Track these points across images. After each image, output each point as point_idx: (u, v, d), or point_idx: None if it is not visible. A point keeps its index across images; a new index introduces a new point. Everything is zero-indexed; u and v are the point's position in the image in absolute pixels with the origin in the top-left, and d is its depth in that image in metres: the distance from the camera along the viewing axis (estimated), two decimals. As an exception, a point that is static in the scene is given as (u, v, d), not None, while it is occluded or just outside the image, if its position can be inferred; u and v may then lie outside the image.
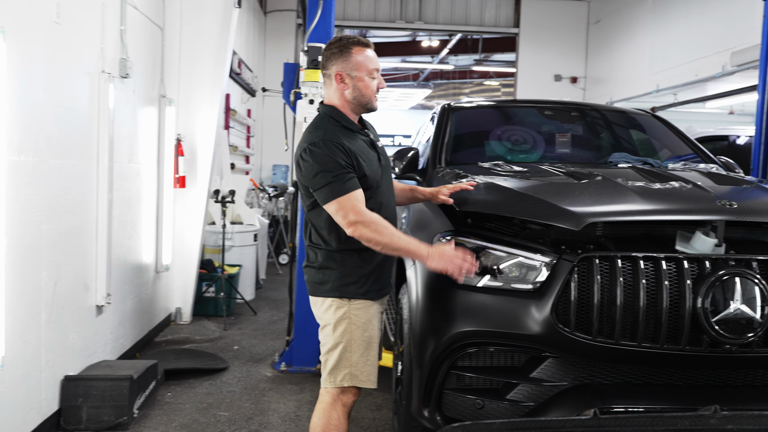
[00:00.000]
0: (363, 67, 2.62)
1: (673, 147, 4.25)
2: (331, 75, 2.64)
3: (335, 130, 2.58)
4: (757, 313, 2.35)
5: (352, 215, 2.44)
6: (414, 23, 12.65)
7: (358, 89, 2.63)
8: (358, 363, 2.65)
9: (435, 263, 2.45)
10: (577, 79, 12.55)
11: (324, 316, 2.71)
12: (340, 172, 2.46)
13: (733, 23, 7.97)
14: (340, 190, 2.45)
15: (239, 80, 9.07)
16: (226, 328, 5.87)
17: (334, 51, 2.63)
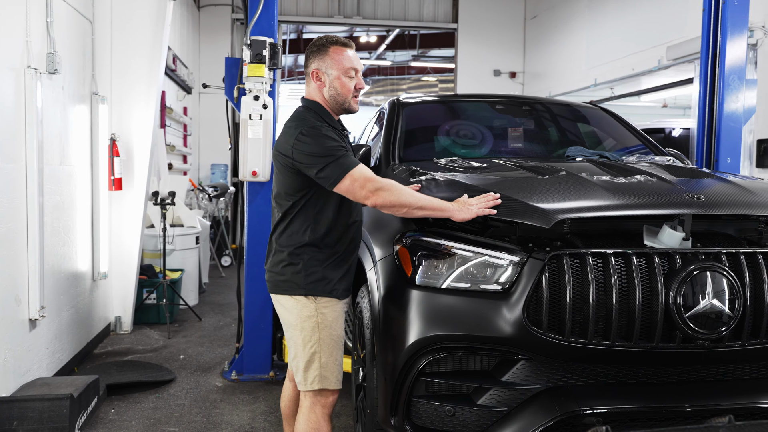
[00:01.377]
0: (339, 65, 2.63)
1: (624, 140, 4.25)
2: (309, 72, 2.67)
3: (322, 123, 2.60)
4: (729, 307, 2.32)
5: (370, 184, 2.45)
6: (352, 18, 12.50)
7: (334, 88, 2.64)
8: (327, 363, 2.64)
9: (463, 214, 2.47)
10: (516, 74, 12.66)
11: (290, 315, 2.66)
12: (342, 150, 2.49)
13: (667, 18, 8.15)
14: (349, 165, 2.46)
15: (174, 77, 8.75)
16: (170, 336, 5.61)
17: (313, 49, 2.67)
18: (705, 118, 5.06)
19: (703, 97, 5.10)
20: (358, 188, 2.46)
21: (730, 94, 4.91)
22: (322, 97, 2.67)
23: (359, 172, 2.47)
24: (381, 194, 2.45)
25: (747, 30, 4.92)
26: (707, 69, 5.06)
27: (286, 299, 2.66)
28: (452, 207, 2.48)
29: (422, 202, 2.48)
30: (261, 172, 4.27)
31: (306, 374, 2.64)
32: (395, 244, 2.71)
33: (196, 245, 7.03)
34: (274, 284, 2.69)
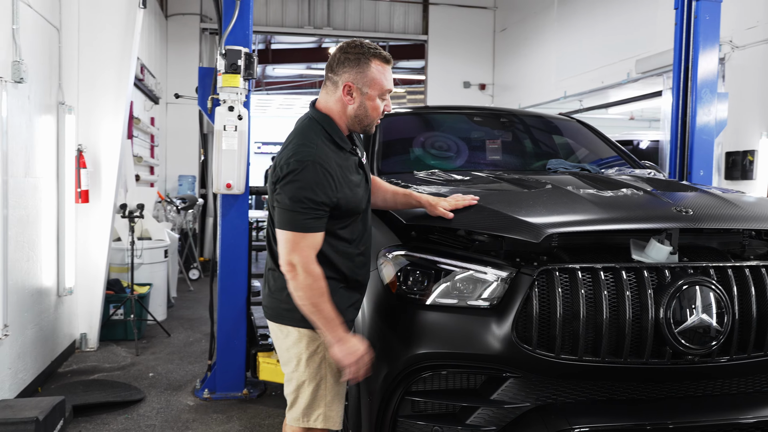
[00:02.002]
0: (378, 85, 2.31)
1: (601, 152, 4.26)
2: (339, 83, 2.31)
3: (326, 148, 2.27)
4: (718, 321, 2.30)
5: (298, 257, 2.18)
6: (322, 29, 12.44)
7: (364, 108, 2.33)
8: (332, 403, 2.39)
9: (339, 353, 2.23)
10: (486, 86, 12.72)
11: (291, 348, 2.38)
12: (314, 207, 2.18)
13: (636, 31, 8.26)
14: (302, 226, 2.18)
15: (142, 87, 8.58)
16: (138, 353, 5.44)
17: (350, 57, 2.29)
18: (678, 131, 5.12)
19: (675, 110, 5.15)
20: (287, 250, 2.19)
21: (703, 107, 4.97)
22: (341, 112, 2.34)
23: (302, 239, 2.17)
24: (297, 273, 2.18)
25: (718, 44, 4.99)
26: (680, 82, 5.12)
27: (291, 331, 2.37)
28: (338, 339, 2.22)
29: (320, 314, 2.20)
30: (235, 184, 4.17)
31: (309, 412, 2.38)
32: (379, 259, 2.65)
33: (165, 259, 6.87)
34: (277, 312, 2.40)
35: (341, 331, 2.24)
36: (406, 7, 12.74)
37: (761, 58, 6.20)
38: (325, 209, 2.21)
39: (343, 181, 2.26)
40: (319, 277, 2.21)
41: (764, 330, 2.41)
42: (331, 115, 2.35)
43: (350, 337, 2.27)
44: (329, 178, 2.20)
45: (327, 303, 2.21)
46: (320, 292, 2.20)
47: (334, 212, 2.26)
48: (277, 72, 17.85)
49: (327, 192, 2.19)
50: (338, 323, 2.23)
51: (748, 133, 6.23)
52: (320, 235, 2.23)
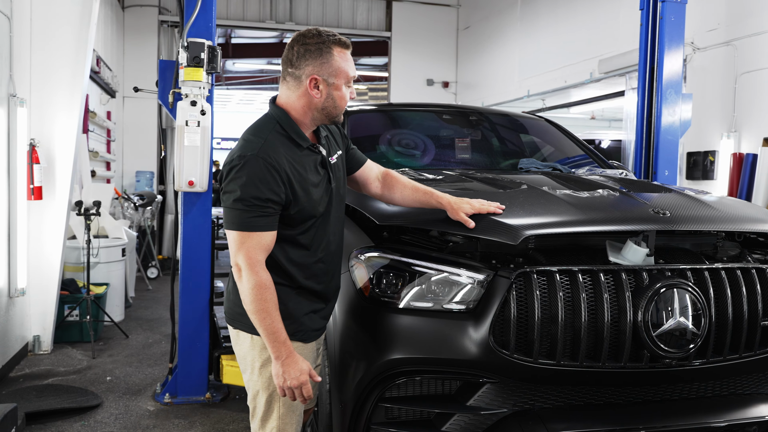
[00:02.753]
0: (343, 73, 2.18)
1: (570, 151, 4.25)
2: (302, 78, 2.16)
3: (277, 143, 2.14)
4: (696, 324, 2.28)
5: (243, 258, 2.06)
6: (285, 24, 12.26)
7: (332, 99, 2.19)
8: (286, 416, 2.28)
9: (275, 370, 2.09)
10: (449, 84, 12.72)
11: (246, 355, 2.28)
12: (258, 204, 2.05)
13: (599, 32, 8.33)
14: (249, 224, 2.06)
15: (98, 79, 8.32)
16: (94, 356, 5.24)
17: (311, 48, 2.15)
18: (643, 131, 5.15)
19: (641, 111, 5.19)
20: (235, 249, 2.08)
21: (668, 107, 5.01)
22: (306, 107, 2.19)
23: (249, 238, 2.06)
24: (244, 276, 2.07)
25: (683, 45, 5.04)
26: (645, 83, 5.15)
27: (244, 337, 2.26)
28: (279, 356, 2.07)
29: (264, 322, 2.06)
30: (198, 182, 4.03)
31: (264, 424, 2.28)
32: (351, 261, 2.56)
33: (123, 257, 6.65)
34: (232, 316, 2.30)
35: (284, 349, 2.08)
36: (369, 3, 12.65)
37: (722, 59, 6.29)
38: (272, 207, 2.08)
39: (294, 178, 2.12)
40: (266, 284, 2.07)
41: (739, 332, 2.40)
42: (293, 111, 2.21)
43: (293, 358, 2.09)
44: (274, 174, 2.06)
45: (272, 314, 2.07)
46: (264, 300, 2.06)
47: (286, 214, 2.13)
48: (238, 67, 17.58)
49: (272, 188, 2.06)
50: (282, 339, 2.08)
51: (709, 133, 6.33)
52: (269, 235, 2.10)
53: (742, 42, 6.07)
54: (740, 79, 6.08)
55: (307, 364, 2.12)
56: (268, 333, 2.07)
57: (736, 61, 6.12)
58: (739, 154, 5.93)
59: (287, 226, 2.16)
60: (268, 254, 2.11)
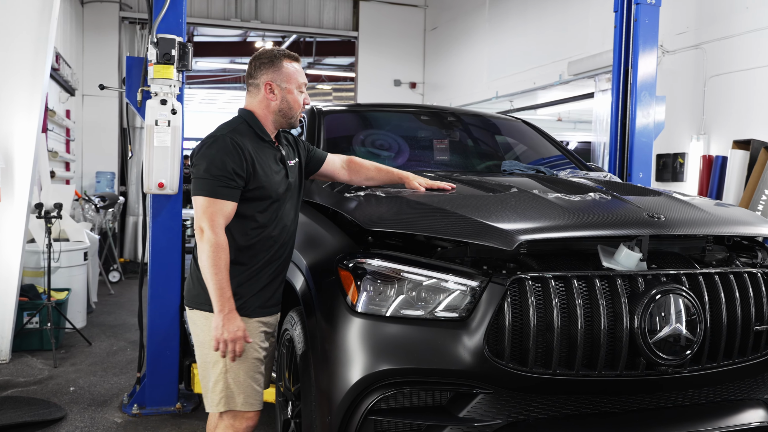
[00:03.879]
0: (293, 79, 2.60)
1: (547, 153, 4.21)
2: (260, 84, 2.59)
3: (244, 132, 2.54)
4: (692, 330, 2.24)
5: (206, 222, 2.38)
6: (250, 22, 12.06)
7: (286, 101, 2.59)
8: (234, 384, 2.51)
9: (216, 322, 2.37)
10: (416, 85, 12.67)
11: (197, 331, 2.58)
12: (227, 175, 2.40)
13: (568, 34, 8.36)
14: (215, 192, 2.40)
15: (57, 77, 8.03)
16: (56, 365, 5.02)
17: (264, 61, 2.59)
18: (617, 133, 5.15)
19: (615, 113, 5.19)
20: (199, 214, 2.40)
21: (642, 109, 5.02)
22: (266, 110, 2.60)
23: (214, 204, 2.38)
24: (203, 237, 2.38)
25: (657, 47, 5.06)
26: (619, 85, 5.15)
27: (197, 314, 2.57)
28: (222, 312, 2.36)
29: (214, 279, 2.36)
30: (168, 184, 3.87)
31: (212, 395, 2.53)
32: (336, 266, 2.46)
33: (84, 261, 6.42)
34: (187, 297, 2.62)
35: (227, 304, 2.37)
36: (336, 3, 12.52)
37: (691, 62, 6.35)
38: (235, 180, 2.40)
39: (256, 160, 2.48)
40: (222, 245, 2.37)
41: (733, 338, 2.37)
42: (256, 113, 2.60)
43: (234, 315, 2.38)
44: (239, 151, 2.43)
45: (222, 271, 2.36)
46: (218, 258, 2.35)
47: (248, 190, 2.45)
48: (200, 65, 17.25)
49: (237, 162, 2.41)
50: (227, 295, 2.37)
51: (678, 136, 6.38)
52: (230, 205, 2.42)
53: (712, 45, 6.14)
54: (709, 82, 6.14)
55: (243, 325, 2.41)
56: (217, 287, 2.36)
57: (705, 64, 6.18)
58: (709, 157, 5.99)
59: (248, 204, 2.48)
60: (227, 222, 2.42)
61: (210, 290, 2.38)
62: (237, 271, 2.48)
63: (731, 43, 5.93)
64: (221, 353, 2.40)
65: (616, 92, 5.18)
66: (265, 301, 2.58)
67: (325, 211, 3.02)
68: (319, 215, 2.97)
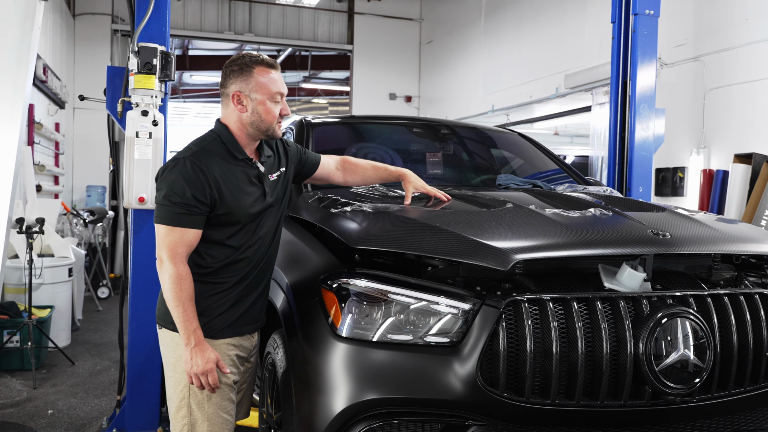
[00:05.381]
0: (265, 89, 2.36)
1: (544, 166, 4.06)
2: (229, 95, 2.38)
3: (212, 152, 2.34)
4: (700, 357, 2.08)
5: (165, 252, 2.24)
6: (244, 35, 11.99)
7: (257, 113, 2.36)
8: (198, 412, 2.36)
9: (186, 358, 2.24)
10: (412, 98, 12.58)
11: (164, 350, 2.47)
12: (183, 202, 2.24)
13: (565, 47, 8.26)
14: (175, 220, 2.24)
15: (45, 89, 7.90)
16: (36, 386, 4.84)
17: (234, 68, 2.37)
18: (616, 147, 5.01)
19: (614, 126, 5.06)
20: (159, 242, 2.26)
21: (641, 122, 4.89)
22: (238, 123, 2.38)
23: (173, 233, 2.23)
24: (164, 268, 2.24)
25: (656, 58, 4.93)
26: (617, 97, 5.02)
27: (163, 333, 2.45)
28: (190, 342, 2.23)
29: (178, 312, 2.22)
30: (149, 198, 3.71)
31: (174, 422, 2.40)
32: (319, 287, 2.30)
33: (69, 278, 6.23)
34: (159, 315, 2.49)
35: (194, 337, 2.23)
36: (330, 16, 12.46)
37: (690, 75, 6.24)
38: (198, 207, 2.25)
39: (223, 183, 2.30)
40: (183, 276, 2.23)
41: (744, 364, 2.21)
42: (230, 127, 2.40)
43: (202, 347, 2.24)
44: (200, 176, 2.25)
45: (185, 303, 2.23)
46: (180, 290, 2.22)
47: (215, 215, 2.29)
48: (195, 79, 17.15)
49: (198, 188, 2.24)
50: (192, 327, 2.23)
51: (677, 149, 6.25)
52: (192, 233, 2.26)
53: (711, 57, 6.03)
54: (709, 94, 6.03)
55: (215, 355, 2.26)
56: (181, 320, 2.22)
57: (704, 77, 6.07)
58: (709, 171, 5.86)
59: (217, 228, 2.32)
60: (190, 250, 2.28)
61: (176, 322, 2.24)
62: (203, 290, 2.34)
63: (731, 56, 5.82)
64: (197, 387, 2.26)
65: (615, 105, 5.04)
66: (234, 320, 2.41)
67: (311, 228, 2.86)
68: (304, 232, 2.80)
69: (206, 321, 2.32)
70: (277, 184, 2.51)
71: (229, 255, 2.36)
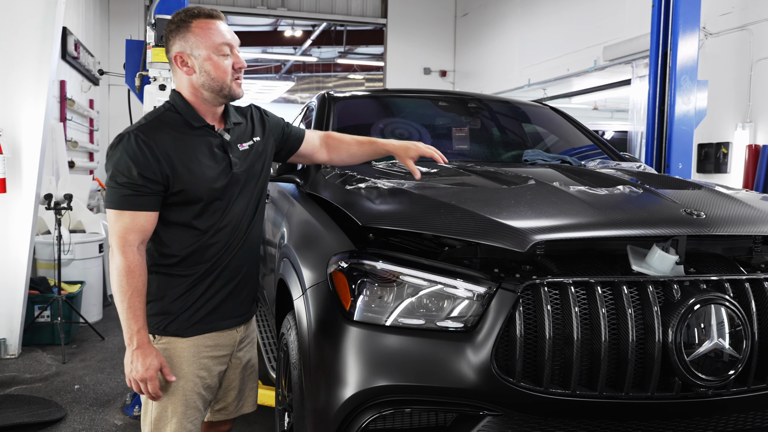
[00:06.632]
0: (207, 42, 2.07)
1: (577, 142, 3.88)
2: (172, 59, 2.12)
3: (164, 123, 2.08)
4: (736, 347, 1.92)
5: (116, 238, 2.00)
6: (276, 10, 11.88)
7: (205, 72, 2.07)
8: (160, 420, 2.17)
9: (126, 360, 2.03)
10: (447, 73, 12.35)
11: None
12: (130, 182, 1.98)
13: (604, 18, 7.95)
14: (122, 202, 1.99)
15: (77, 65, 7.91)
16: (65, 361, 4.88)
17: (171, 28, 2.10)
18: (655, 121, 4.78)
19: (653, 99, 4.82)
20: (110, 228, 2.02)
21: (682, 95, 4.65)
22: (190, 88, 2.11)
23: (122, 217, 1.98)
24: (114, 258, 2.00)
25: (699, 27, 4.66)
26: (657, 69, 4.78)
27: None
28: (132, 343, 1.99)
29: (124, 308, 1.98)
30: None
31: (143, 426, 2.24)
32: (330, 268, 2.20)
33: (100, 254, 6.27)
34: None
35: (136, 338, 2.01)
36: (364, -11, 12.26)
37: (736, 45, 5.92)
38: (147, 186, 2.00)
39: (176, 156, 2.04)
40: (131, 268, 2.00)
41: (785, 355, 2.04)
42: (184, 93, 2.14)
43: (144, 350, 2.02)
44: (147, 152, 2.00)
45: (132, 299, 2.00)
46: (127, 284, 1.99)
47: (171, 194, 2.05)
48: (231, 55, 17.15)
49: (144, 165, 1.98)
50: (136, 328, 2.01)
51: (721, 124, 5.96)
52: (143, 216, 2.01)
53: (758, 26, 5.70)
54: (756, 66, 5.71)
55: (158, 361, 2.05)
56: (124, 317, 2.01)
57: (751, 47, 5.75)
58: (755, 146, 5.57)
59: (177, 209, 2.09)
60: (144, 236, 2.03)
61: (122, 320, 2.01)
62: (170, 283, 2.12)
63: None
64: (137, 391, 2.08)
65: (654, 77, 4.80)
66: (206, 315, 2.18)
67: (328, 206, 2.76)
68: (319, 210, 2.70)
69: (171, 319, 2.13)
70: (248, 155, 2.23)
71: (195, 240, 2.11)
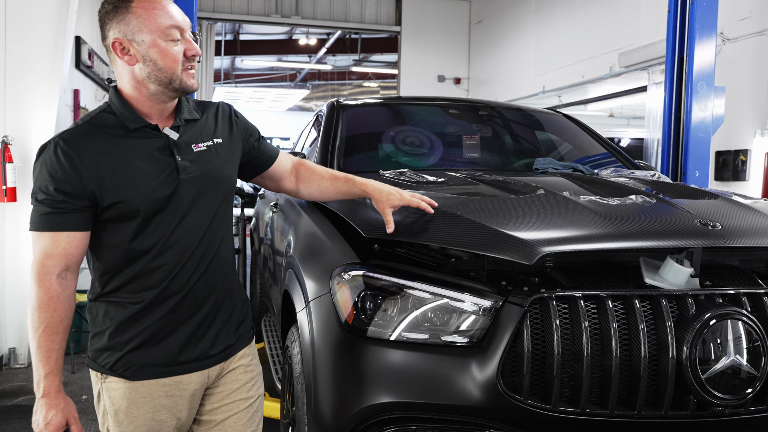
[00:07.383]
0: (152, 24, 1.69)
1: (590, 150, 3.80)
2: (108, 46, 1.72)
3: (94, 128, 1.72)
4: (754, 364, 1.84)
5: (34, 265, 1.69)
6: (290, 18, 11.88)
7: (150, 61, 1.70)
8: None
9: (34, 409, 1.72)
10: (461, 80, 12.29)
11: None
12: (49, 198, 1.66)
13: (619, 24, 7.86)
14: (40, 223, 1.68)
15: (91, 74, 7.92)
16: (74, 371, 4.86)
17: (108, 8, 1.71)
18: (671, 128, 4.69)
19: (668, 106, 4.73)
20: (33, 253, 1.70)
21: (699, 101, 4.55)
22: (132, 81, 1.73)
23: (41, 239, 1.67)
24: (33, 286, 1.68)
25: (716, 32, 4.57)
26: (673, 75, 4.69)
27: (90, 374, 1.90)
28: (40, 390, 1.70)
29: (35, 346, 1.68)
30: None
31: None
32: (333, 280, 2.14)
33: (112, 262, 6.26)
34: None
35: (43, 384, 1.69)
36: (378, -3, 12.25)
37: (754, 51, 5.81)
38: (69, 203, 1.66)
39: (106, 166, 1.69)
40: (46, 302, 1.68)
41: (805, 372, 1.95)
42: (124, 89, 1.77)
43: (49, 400, 1.70)
44: (66, 163, 1.65)
45: (46, 338, 1.68)
46: (40, 319, 1.68)
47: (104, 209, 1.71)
48: (247, 64, 17.25)
49: (61, 179, 1.65)
50: (44, 372, 1.69)
51: (740, 131, 5.85)
52: (65, 238, 1.68)
53: (778, 31, 5.60)
54: (775, 71, 5.60)
55: (62, 416, 1.71)
56: (34, 358, 1.69)
57: (770, 53, 5.64)
58: (775, 154, 5.45)
59: (112, 226, 1.74)
60: (68, 262, 1.70)
61: (33, 362, 1.71)
62: (114, 312, 1.77)
63: (801, 29, 5.39)
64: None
65: (670, 83, 4.71)
66: (164, 354, 1.80)
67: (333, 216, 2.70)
68: (324, 220, 2.64)
69: (119, 354, 1.76)
70: (206, 157, 1.84)
71: (135, 262, 1.74)
